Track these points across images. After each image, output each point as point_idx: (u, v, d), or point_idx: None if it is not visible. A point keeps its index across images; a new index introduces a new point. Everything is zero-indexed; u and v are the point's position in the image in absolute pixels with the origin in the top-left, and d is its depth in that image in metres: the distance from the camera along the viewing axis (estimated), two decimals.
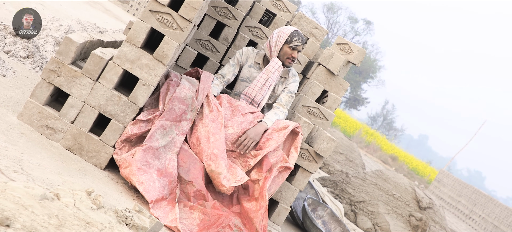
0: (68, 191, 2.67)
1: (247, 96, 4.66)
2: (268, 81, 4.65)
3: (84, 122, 3.85)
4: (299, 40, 4.64)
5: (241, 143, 4.23)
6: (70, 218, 2.34)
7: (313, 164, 4.77)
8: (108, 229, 2.49)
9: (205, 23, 5.25)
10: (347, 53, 5.06)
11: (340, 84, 5.06)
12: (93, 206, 2.69)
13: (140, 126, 3.89)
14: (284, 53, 4.66)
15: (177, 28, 3.89)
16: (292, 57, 4.66)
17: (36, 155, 3.30)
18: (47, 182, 2.91)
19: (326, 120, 4.93)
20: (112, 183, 3.74)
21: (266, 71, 4.64)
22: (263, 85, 4.64)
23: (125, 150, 3.88)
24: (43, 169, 3.12)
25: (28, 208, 2.16)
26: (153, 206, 3.63)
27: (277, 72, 4.66)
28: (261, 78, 4.65)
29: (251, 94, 4.64)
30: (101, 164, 3.86)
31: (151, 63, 3.87)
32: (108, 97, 3.86)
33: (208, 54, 5.29)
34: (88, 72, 3.84)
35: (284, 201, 4.75)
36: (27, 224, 2.02)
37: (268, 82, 4.65)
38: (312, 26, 5.48)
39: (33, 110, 3.79)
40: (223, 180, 4.01)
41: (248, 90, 4.66)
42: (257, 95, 4.64)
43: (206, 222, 3.78)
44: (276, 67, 4.65)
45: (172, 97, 3.99)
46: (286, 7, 5.47)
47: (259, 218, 3.99)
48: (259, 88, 4.64)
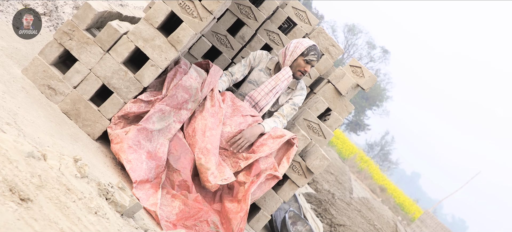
0: (56, 154, 2.69)
1: (251, 99, 4.65)
2: (275, 89, 4.64)
3: (87, 89, 3.87)
4: (315, 55, 4.64)
5: (235, 142, 4.25)
6: (52, 181, 2.36)
7: (302, 178, 4.78)
8: (87, 199, 2.52)
9: (225, 18, 5.26)
10: (358, 77, 5.05)
11: (345, 105, 5.06)
12: (77, 174, 2.71)
13: (140, 106, 3.90)
14: (297, 65, 4.65)
15: (197, 17, 3.90)
16: (304, 70, 4.66)
17: (32, 112, 3.32)
18: (37, 141, 2.93)
19: (324, 138, 4.93)
20: (101, 155, 3.75)
21: (276, 78, 4.64)
22: (270, 91, 4.64)
23: (120, 126, 3.89)
24: (36, 127, 3.13)
25: (13, 162, 2.19)
26: (136, 186, 3.64)
27: (286, 82, 4.66)
28: (269, 84, 4.64)
29: (256, 98, 4.64)
30: (94, 134, 3.87)
31: (164, 45, 3.88)
32: (115, 71, 3.87)
33: (222, 49, 5.30)
34: (100, 42, 3.86)
35: (266, 209, 4.77)
36: (9, 178, 2.04)
37: (275, 90, 4.65)
38: (329, 43, 5.47)
39: (38, 67, 3.80)
40: (210, 176, 4.02)
41: (254, 93, 4.66)
42: (261, 100, 4.64)
43: (185, 213, 3.79)
44: (286, 77, 4.65)
45: (177, 84, 4.00)
46: (308, 19, 5.46)
47: (238, 220, 4.00)
48: (265, 94, 4.64)
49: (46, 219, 2.04)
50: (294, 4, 5.44)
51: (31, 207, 2.02)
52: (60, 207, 2.21)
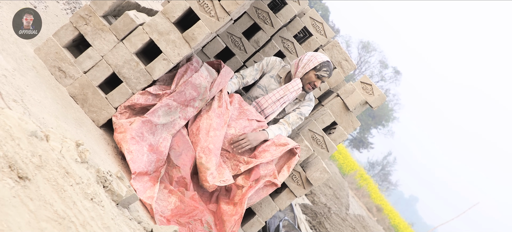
0: (59, 136, 2.70)
1: (258, 105, 4.64)
2: (283, 99, 4.63)
3: (96, 75, 3.88)
4: (327, 72, 4.62)
5: (238, 142, 4.24)
6: (52, 162, 2.38)
7: (300, 189, 4.78)
8: (84, 185, 2.53)
9: (242, 20, 5.26)
10: (368, 94, 5.02)
11: (351, 121, 5.03)
12: (77, 158, 2.73)
13: (147, 98, 3.91)
14: (308, 78, 4.63)
15: (214, 16, 3.91)
16: (314, 85, 4.64)
17: (40, 92, 3.33)
18: (42, 121, 2.95)
19: (327, 151, 4.91)
20: (103, 143, 3.76)
21: (285, 88, 4.62)
22: (277, 100, 4.62)
23: (125, 116, 3.90)
24: (42, 107, 3.14)
25: (16, 140, 2.20)
26: (134, 177, 3.65)
27: (295, 93, 4.64)
28: (277, 94, 4.62)
29: (263, 105, 4.63)
30: (98, 121, 3.89)
31: (178, 41, 3.90)
32: (126, 60, 3.89)
33: (235, 51, 5.30)
34: (116, 30, 3.88)
35: (261, 215, 4.77)
36: (9, 154, 2.06)
37: (283, 100, 4.63)
38: (342, 57, 5.45)
39: (51, 48, 3.82)
40: (209, 176, 4.02)
41: (261, 100, 4.64)
42: (268, 107, 4.63)
43: (180, 210, 3.80)
44: (295, 88, 4.63)
45: (186, 81, 4.00)
46: (324, 30, 5.45)
47: (232, 223, 4.00)
48: (272, 102, 4.62)
49: (42, 199, 2.05)
50: (312, 14, 5.44)
51: (28, 186, 2.03)
52: (57, 190, 2.22)
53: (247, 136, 4.26)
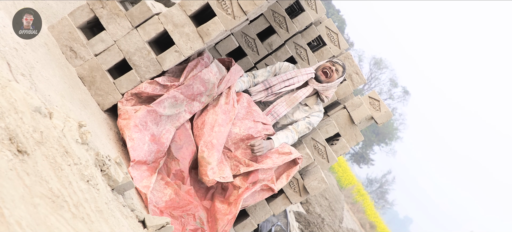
0: (62, 115, 2.72)
1: (267, 82, 4.58)
2: (293, 80, 4.57)
3: (107, 60, 3.89)
4: (340, 65, 4.64)
5: (254, 145, 4.23)
6: (52, 140, 2.39)
7: (296, 196, 4.77)
8: (82, 166, 2.54)
9: (257, 22, 5.25)
10: (375, 110, 5.01)
11: (355, 134, 5.02)
12: (78, 139, 2.74)
13: (155, 88, 3.92)
14: (322, 66, 4.62)
15: (231, 14, 3.92)
16: (328, 69, 4.59)
17: (49, 69, 3.34)
18: (47, 98, 2.96)
19: (328, 162, 4.91)
20: (106, 127, 3.77)
21: (297, 71, 4.60)
22: (287, 79, 4.57)
23: (131, 103, 3.91)
24: (49, 85, 3.16)
25: (19, 113, 2.21)
26: (133, 165, 3.65)
27: (306, 76, 4.58)
28: (289, 74, 4.59)
29: (272, 82, 4.58)
30: (104, 105, 3.90)
31: (192, 35, 3.91)
32: (138, 48, 3.90)
33: (248, 51, 5.29)
34: (131, 17, 3.88)
35: (254, 217, 4.77)
36: (11, 127, 2.07)
37: (292, 81, 4.57)
38: (353, 70, 5.42)
39: (65, 28, 3.83)
40: (209, 171, 4.02)
41: (271, 78, 4.61)
42: (276, 85, 4.57)
43: (174, 202, 3.81)
44: (308, 72, 4.59)
45: (196, 75, 4.01)
46: (338, 41, 5.43)
47: (224, 222, 4.00)
48: (282, 80, 4.57)
49: (38, 175, 2.06)
50: (328, 24, 5.42)
51: (26, 161, 2.04)
52: (54, 168, 2.24)
53: (262, 143, 4.24)
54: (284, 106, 4.57)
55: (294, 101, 4.58)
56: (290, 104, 4.58)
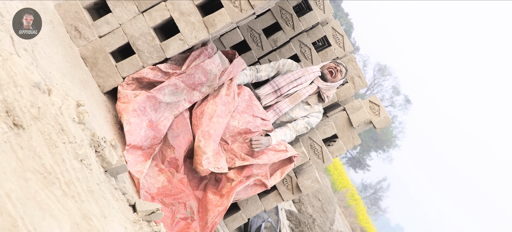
0: (61, 93, 2.73)
1: (275, 84, 4.58)
2: (301, 79, 4.57)
3: (111, 42, 3.90)
4: (343, 67, 4.65)
5: (253, 139, 4.23)
6: (49, 116, 2.40)
7: (289, 193, 4.78)
8: (77, 145, 2.55)
9: (264, 17, 5.24)
10: (374, 114, 5.00)
11: (352, 137, 5.01)
12: (75, 118, 2.75)
13: (156, 74, 3.92)
14: (328, 66, 4.63)
15: (238, 7, 3.92)
16: (333, 68, 4.60)
17: (52, 47, 3.35)
18: (48, 75, 2.97)
19: (323, 162, 4.90)
20: (105, 109, 3.78)
21: (303, 70, 4.59)
22: (295, 80, 4.56)
23: (131, 87, 3.92)
24: (51, 62, 3.17)
25: (18, 87, 2.22)
26: (128, 149, 3.66)
27: (313, 75, 4.58)
28: (296, 74, 4.58)
29: (281, 83, 4.57)
30: (104, 87, 3.91)
31: (197, 24, 3.91)
32: (143, 33, 3.90)
33: (252, 46, 5.28)
34: (138, 1, 3.88)
35: (245, 211, 4.77)
36: (9, 100, 2.07)
37: (300, 80, 4.57)
38: (356, 73, 5.39)
39: (72, 7, 3.83)
40: (204, 160, 4.02)
41: (279, 79, 4.59)
42: (285, 86, 4.57)
43: (166, 190, 3.82)
44: (314, 70, 4.59)
45: (198, 65, 4.02)
46: (343, 44, 5.40)
47: (215, 213, 4.01)
48: (290, 81, 4.56)
49: (32, 150, 2.07)
50: (334, 25, 5.40)
51: (21, 135, 2.05)
52: (49, 144, 2.24)
53: (260, 140, 4.25)
54: (287, 102, 4.57)
55: (297, 98, 4.58)
56: (293, 101, 4.59)
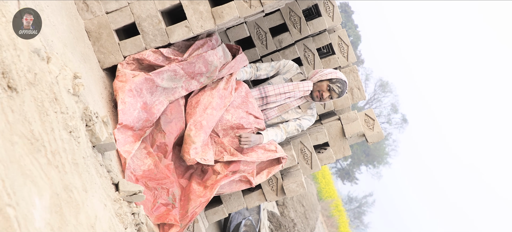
0: (60, 62, 2.74)
1: (264, 90, 4.58)
2: (290, 94, 4.57)
3: (117, 20, 3.90)
4: (340, 89, 4.55)
5: (243, 136, 4.24)
6: (44, 83, 2.41)
7: (273, 194, 4.78)
8: (68, 116, 2.56)
9: (272, 16, 5.24)
10: (368, 128, 4.98)
11: (343, 148, 5.00)
12: (70, 89, 2.76)
13: (158, 58, 3.93)
14: (320, 86, 4.55)
15: (248, 2, 3.93)
16: (321, 94, 4.54)
17: (57, 16, 3.35)
18: (50, 44, 2.97)
19: (311, 168, 4.90)
20: (101, 85, 3.78)
21: (295, 85, 4.55)
22: (283, 93, 4.56)
23: (131, 67, 3.93)
24: (54, 31, 3.17)
25: (18, 50, 2.23)
26: (119, 128, 3.66)
27: (303, 93, 4.57)
28: (286, 87, 4.56)
29: (268, 92, 4.57)
30: (104, 63, 3.91)
31: (205, 14, 3.91)
32: (150, 15, 3.91)
33: (257, 43, 5.28)
34: None
35: (227, 206, 4.78)
36: (6, 61, 2.08)
37: (288, 95, 4.57)
38: (356, 84, 5.38)
39: None
40: (192, 150, 4.03)
41: (268, 87, 4.58)
42: (272, 96, 4.57)
43: (151, 173, 3.82)
44: (305, 88, 4.56)
45: (200, 55, 4.03)
46: (347, 54, 5.39)
47: (196, 204, 4.02)
48: (278, 93, 4.56)
49: (23, 115, 2.07)
50: (341, 34, 5.40)
51: (13, 98, 2.05)
52: (40, 111, 2.25)
53: (250, 137, 4.26)
54: (275, 111, 4.61)
55: (286, 108, 4.62)
56: (282, 110, 4.62)
